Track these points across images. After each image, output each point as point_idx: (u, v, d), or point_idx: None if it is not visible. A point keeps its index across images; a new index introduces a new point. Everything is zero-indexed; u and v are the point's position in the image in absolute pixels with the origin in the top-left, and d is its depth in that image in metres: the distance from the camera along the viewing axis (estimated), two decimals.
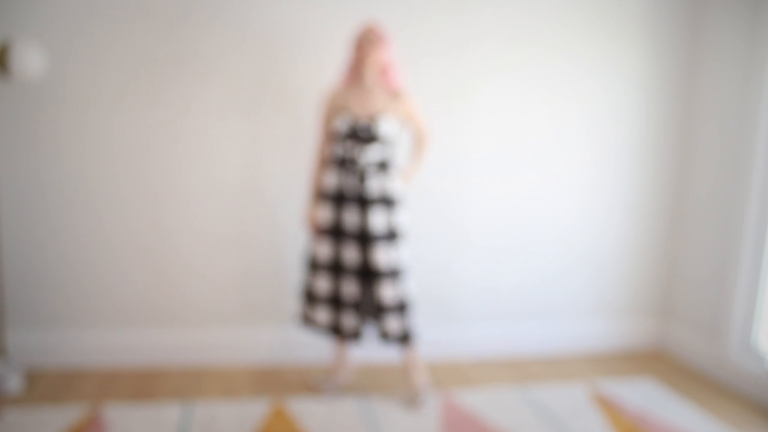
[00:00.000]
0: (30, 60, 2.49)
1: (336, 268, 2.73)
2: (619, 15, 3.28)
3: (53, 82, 2.78)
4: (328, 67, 2.97)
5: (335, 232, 2.71)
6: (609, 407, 2.83)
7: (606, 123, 3.38)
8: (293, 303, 3.11)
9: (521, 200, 3.33)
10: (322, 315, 2.76)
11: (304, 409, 2.68)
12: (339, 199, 2.68)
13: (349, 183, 2.65)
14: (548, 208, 3.38)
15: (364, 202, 2.65)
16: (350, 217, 2.66)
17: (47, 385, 2.79)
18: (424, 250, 3.18)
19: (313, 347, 3.15)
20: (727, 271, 3.18)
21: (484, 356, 3.36)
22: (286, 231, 3.09)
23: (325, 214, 2.70)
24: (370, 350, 3.10)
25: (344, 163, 2.66)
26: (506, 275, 3.36)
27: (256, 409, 2.66)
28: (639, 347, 3.60)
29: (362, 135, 2.64)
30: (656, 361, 3.44)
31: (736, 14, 3.15)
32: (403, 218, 2.74)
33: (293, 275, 3.11)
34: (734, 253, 3.13)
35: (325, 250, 2.71)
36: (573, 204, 3.41)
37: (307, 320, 2.80)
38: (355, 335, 2.75)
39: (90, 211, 2.91)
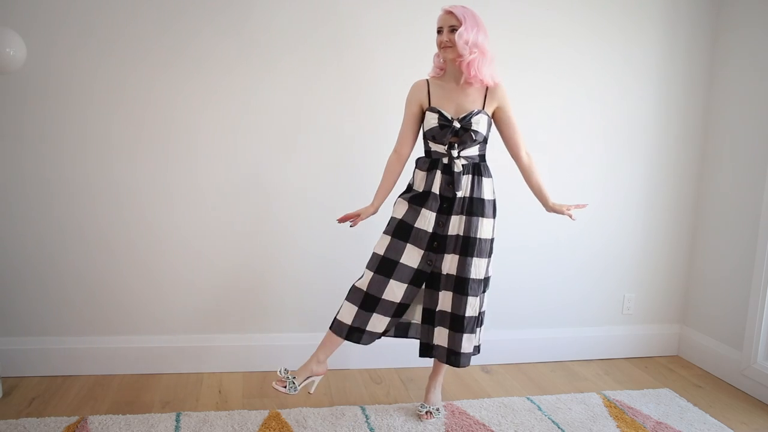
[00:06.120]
0: (10, 50, 2.38)
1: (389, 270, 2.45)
2: (635, 11, 3.18)
3: (41, 74, 2.69)
4: (336, 64, 2.89)
5: (401, 231, 2.43)
6: (625, 417, 2.70)
7: (621, 121, 3.26)
8: (288, 310, 3.01)
9: (530, 199, 3.20)
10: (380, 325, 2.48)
11: (301, 417, 2.55)
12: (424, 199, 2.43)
13: (441, 185, 2.41)
14: None
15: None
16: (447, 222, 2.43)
17: (29, 396, 2.67)
18: None
19: (309, 355, 3.02)
20: (748, 275, 3.07)
21: (492, 364, 3.23)
22: (284, 236, 2.98)
23: (401, 209, 2.46)
24: (367, 358, 2.98)
25: (436, 165, 2.43)
26: (515, 279, 3.24)
27: (250, 418, 2.54)
28: (656, 355, 3.48)
29: (450, 134, 2.38)
30: (674, 369, 3.32)
31: (758, 12, 3.06)
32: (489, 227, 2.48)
33: (293, 281, 3.01)
34: (756, 257, 3.00)
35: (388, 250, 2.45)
36: (586, 203, 3.27)
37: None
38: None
39: (76, 212, 2.80)
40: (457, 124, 2.38)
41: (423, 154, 2.52)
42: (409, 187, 2.53)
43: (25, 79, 2.66)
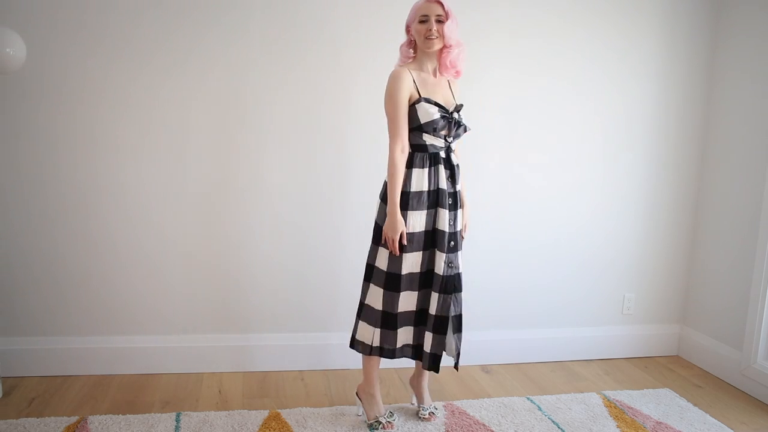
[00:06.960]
0: (10, 50, 2.38)
1: (427, 282, 2.39)
2: (635, 12, 3.18)
3: (43, 74, 2.69)
4: (336, 64, 2.89)
5: (428, 240, 2.35)
6: (625, 417, 2.70)
7: (621, 121, 3.26)
8: (288, 310, 3.02)
9: (530, 200, 3.21)
10: (405, 337, 2.44)
11: (301, 417, 2.55)
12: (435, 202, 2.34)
13: (443, 183, 2.32)
14: (559, 208, 3.25)
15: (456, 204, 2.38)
16: (445, 221, 2.34)
17: (29, 396, 2.67)
18: None
19: (309, 355, 3.04)
20: (748, 275, 3.06)
21: (492, 364, 3.23)
22: (285, 236, 2.98)
23: (420, 219, 2.33)
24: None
25: (438, 160, 2.32)
26: (515, 280, 3.24)
27: (250, 418, 2.53)
28: (656, 355, 3.47)
29: (453, 127, 2.31)
30: (674, 369, 3.31)
31: (759, 15, 3.05)
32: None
33: (294, 281, 3.01)
34: (756, 257, 3.00)
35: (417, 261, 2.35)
36: (585, 204, 3.29)
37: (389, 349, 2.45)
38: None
39: (78, 213, 2.80)
40: (456, 116, 2.34)
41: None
42: (404, 194, 2.31)
43: (26, 79, 2.66)
